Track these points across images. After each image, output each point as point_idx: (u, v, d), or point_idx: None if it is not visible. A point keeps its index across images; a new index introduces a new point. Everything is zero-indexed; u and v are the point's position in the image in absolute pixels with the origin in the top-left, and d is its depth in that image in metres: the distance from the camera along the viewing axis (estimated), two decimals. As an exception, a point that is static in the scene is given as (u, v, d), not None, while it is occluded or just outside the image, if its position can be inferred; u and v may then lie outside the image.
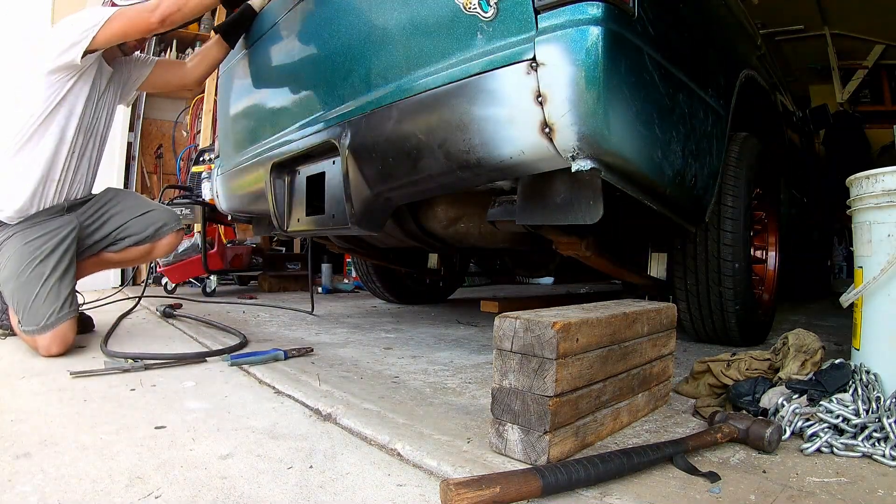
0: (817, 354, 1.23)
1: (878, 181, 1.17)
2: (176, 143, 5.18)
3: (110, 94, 2.00)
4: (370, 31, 1.49)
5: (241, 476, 0.88)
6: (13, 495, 0.81)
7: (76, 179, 1.94)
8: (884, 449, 0.94)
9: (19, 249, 1.83)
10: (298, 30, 1.83)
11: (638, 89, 1.18)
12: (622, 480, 0.84)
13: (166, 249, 2.19)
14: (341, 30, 1.60)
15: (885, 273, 1.12)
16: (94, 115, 1.93)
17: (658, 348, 1.17)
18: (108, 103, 1.99)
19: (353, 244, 2.72)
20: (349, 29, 1.57)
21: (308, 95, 1.78)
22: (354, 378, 1.49)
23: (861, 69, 5.56)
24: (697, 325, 1.94)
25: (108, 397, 1.30)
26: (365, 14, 1.52)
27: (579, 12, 1.06)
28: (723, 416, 1.05)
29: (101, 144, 2.02)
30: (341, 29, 1.60)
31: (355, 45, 1.54)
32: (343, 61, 1.60)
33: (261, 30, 2.04)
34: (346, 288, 4.44)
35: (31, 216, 1.86)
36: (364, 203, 1.57)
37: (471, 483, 0.73)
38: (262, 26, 2.04)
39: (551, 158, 1.15)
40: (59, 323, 1.75)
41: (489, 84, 1.16)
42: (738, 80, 1.81)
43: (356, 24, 1.55)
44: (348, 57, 1.58)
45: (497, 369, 0.92)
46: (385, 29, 1.44)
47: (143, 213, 2.11)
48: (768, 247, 2.23)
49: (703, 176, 1.56)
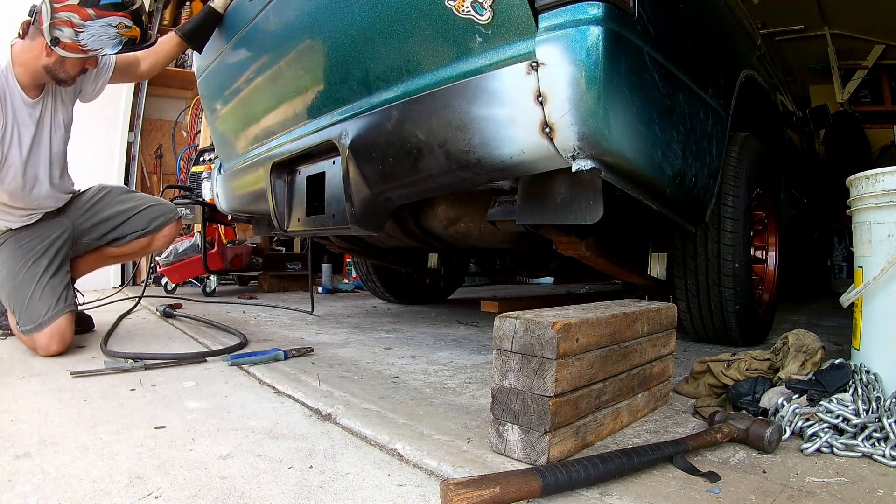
0: (817, 354, 1.22)
1: (878, 181, 1.17)
2: (176, 143, 5.17)
3: (49, 109, 1.87)
4: (370, 31, 1.49)
5: (240, 476, 0.88)
6: (13, 495, 0.81)
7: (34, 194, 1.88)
8: (884, 449, 0.93)
9: (13, 253, 1.87)
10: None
11: (638, 89, 1.18)
12: (622, 480, 0.84)
13: (165, 241, 2.21)
14: (342, 30, 1.60)
15: (885, 273, 1.12)
16: (36, 135, 1.83)
17: (658, 348, 1.17)
18: (49, 118, 1.87)
19: (353, 244, 2.72)
20: (349, 28, 1.57)
21: (308, 95, 1.78)
22: (354, 378, 1.49)
23: (861, 69, 5.56)
24: (697, 325, 1.94)
25: (108, 397, 1.30)
26: (364, 14, 1.52)
27: (579, 12, 1.06)
28: (723, 416, 1.05)
29: (54, 153, 1.91)
30: (341, 29, 1.60)
31: (355, 45, 1.54)
32: (343, 61, 1.60)
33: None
34: (346, 288, 4.44)
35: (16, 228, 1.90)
36: (364, 203, 1.57)
37: (471, 483, 0.73)
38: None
39: (551, 158, 1.15)
40: (55, 318, 1.76)
41: (489, 84, 1.17)
42: (738, 80, 1.81)
43: (356, 24, 1.54)
44: (348, 57, 1.57)
45: (497, 369, 0.92)
46: (384, 30, 1.44)
47: (143, 208, 2.11)
48: (768, 247, 2.23)
49: (704, 176, 1.56)
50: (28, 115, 1.79)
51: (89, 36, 1.65)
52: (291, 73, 1.84)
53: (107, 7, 1.65)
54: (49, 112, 1.86)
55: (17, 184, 1.81)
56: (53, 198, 1.96)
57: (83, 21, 1.63)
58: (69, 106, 1.95)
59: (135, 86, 4.62)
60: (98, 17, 1.64)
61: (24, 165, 1.81)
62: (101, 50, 1.71)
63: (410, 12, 1.33)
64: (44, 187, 1.90)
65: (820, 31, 5.29)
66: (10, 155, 1.76)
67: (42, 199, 1.92)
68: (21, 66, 1.73)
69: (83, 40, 1.65)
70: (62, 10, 1.61)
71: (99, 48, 1.70)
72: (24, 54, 1.72)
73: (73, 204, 2.05)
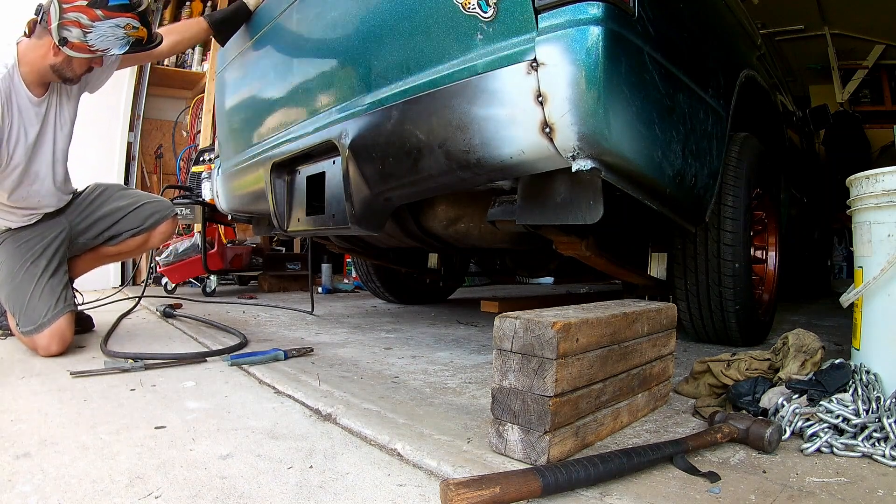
0: (817, 354, 1.22)
1: (878, 181, 1.17)
2: (176, 143, 5.17)
3: (55, 106, 1.87)
4: (371, 30, 1.49)
5: (240, 476, 0.88)
6: (13, 495, 0.81)
7: (37, 193, 1.89)
8: (884, 449, 0.93)
9: (11, 254, 1.87)
10: (299, 29, 1.83)
11: (638, 89, 1.18)
12: (622, 480, 0.84)
13: (161, 238, 2.21)
14: (342, 29, 1.60)
15: (885, 273, 1.11)
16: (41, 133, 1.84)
17: (658, 348, 1.17)
18: (54, 115, 1.88)
19: (353, 244, 2.72)
20: (349, 28, 1.57)
21: (308, 95, 1.77)
22: (354, 378, 1.49)
23: (861, 69, 5.56)
24: (697, 325, 1.94)
25: (108, 397, 1.30)
26: (365, 13, 1.52)
27: (580, 12, 1.06)
28: (723, 416, 1.05)
29: (57, 151, 1.92)
30: (342, 28, 1.60)
31: (356, 45, 1.54)
32: (343, 60, 1.60)
33: (261, 27, 2.04)
34: (346, 288, 4.44)
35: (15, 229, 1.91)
36: (364, 203, 1.57)
37: (471, 483, 0.73)
38: (262, 24, 2.04)
39: (551, 158, 1.15)
40: (55, 319, 1.76)
41: (489, 84, 1.17)
42: (738, 80, 1.81)
43: (356, 24, 1.54)
44: (348, 56, 1.58)
45: (497, 369, 0.92)
46: (385, 28, 1.44)
47: (138, 205, 2.11)
48: (768, 247, 2.23)
49: (704, 176, 1.56)
50: (34, 114, 1.80)
51: (97, 36, 1.66)
52: (294, 72, 1.85)
53: (115, 8, 1.66)
54: (54, 110, 1.87)
55: (20, 182, 1.82)
56: (55, 197, 1.96)
57: (91, 22, 1.63)
58: (74, 102, 1.95)
59: (135, 85, 4.63)
60: (106, 17, 1.65)
61: (29, 164, 1.82)
62: (108, 50, 1.71)
63: (419, 8, 1.34)
64: (46, 185, 1.90)
65: (820, 31, 5.29)
66: (15, 154, 1.77)
67: (44, 199, 1.92)
68: (27, 64, 1.73)
69: (91, 40, 1.66)
70: (71, 10, 1.62)
71: (106, 48, 1.70)
72: (31, 53, 1.72)
73: (70, 204, 2.06)
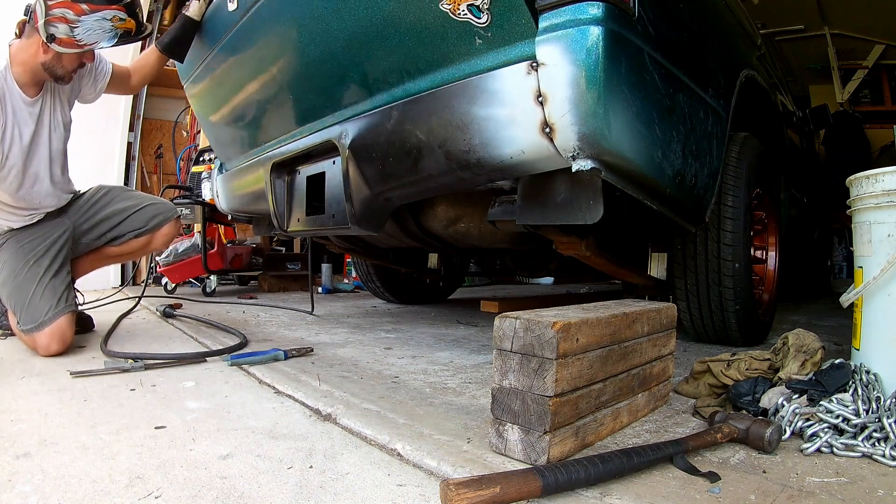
0: (817, 354, 1.22)
1: (878, 181, 1.17)
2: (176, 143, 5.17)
3: (48, 106, 1.87)
4: (369, 32, 1.49)
5: (240, 476, 0.88)
6: (13, 495, 0.81)
7: (36, 192, 1.89)
8: (884, 449, 0.93)
9: (14, 252, 1.88)
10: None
11: (638, 89, 1.18)
12: (622, 480, 0.84)
13: (164, 240, 2.21)
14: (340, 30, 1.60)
15: (885, 273, 1.11)
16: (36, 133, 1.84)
17: (658, 348, 1.17)
18: (48, 115, 1.88)
19: (353, 244, 2.72)
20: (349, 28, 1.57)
21: (308, 95, 1.77)
22: (354, 378, 1.49)
23: (861, 69, 5.57)
24: (697, 325, 1.94)
25: (108, 397, 1.30)
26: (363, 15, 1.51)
27: (580, 12, 1.06)
28: (723, 416, 1.05)
29: (53, 151, 1.91)
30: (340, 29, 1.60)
31: (350, 49, 1.54)
32: (343, 62, 1.59)
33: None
34: (346, 288, 4.44)
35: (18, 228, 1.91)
36: (364, 203, 1.57)
37: (471, 483, 0.73)
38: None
39: (551, 158, 1.15)
40: (56, 318, 1.76)
41: (489, 84, 1.17)
42: (738, 80, 1.81)
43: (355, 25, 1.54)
44: (348, 57, 1.57)
45: (497, 369, 0.92)
46: (384, 31, 1.43)
47: (141, 207, 2.12)
48: (768, 247, 2.23)
49: (704, 176, 1.56)
50: (28, 114, 1.80)
51: (84, 31, 1.66)
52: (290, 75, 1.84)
53: (100, 1, 1.66)
54: (48, 110, 1.87)
55: (18, 182, 1.82)
56: (55, 196, 1.96)
57: (77, 16, 1.64)
58: (67, 107, 1.96)
59: (135, 86, 4.63)
60: (92, 11, 1.66)
61: (25, 164, 1.82)
62: (97, 43, 1.72)
63: (405, 16, 1.32)
64: (45, 185, 1.90)
65: (820, 31, 5.30)
66: (11, 154, 1.77)
67: (43, 198, 1.92)
68: (19, 64, 1.74)
69: (78, 35, 1.66)
70: (56, 6, 1.62)
71: (95, 42, 1.71)
72: (22, 53, 1.73)
73: (72, 204, 2.06)
